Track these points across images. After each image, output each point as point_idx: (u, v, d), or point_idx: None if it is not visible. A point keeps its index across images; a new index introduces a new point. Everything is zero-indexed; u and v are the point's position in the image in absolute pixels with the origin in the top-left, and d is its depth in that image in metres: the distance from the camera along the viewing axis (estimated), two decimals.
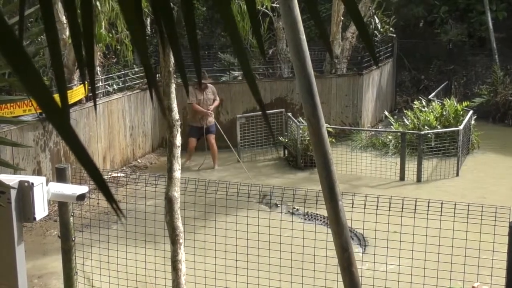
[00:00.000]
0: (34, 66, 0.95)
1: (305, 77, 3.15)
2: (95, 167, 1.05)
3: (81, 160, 1.02)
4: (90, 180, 3.82)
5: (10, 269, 4.33)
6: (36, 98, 0.97)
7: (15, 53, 0.96)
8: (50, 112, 0.98)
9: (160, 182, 5.59)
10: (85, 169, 1.04)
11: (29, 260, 4.90)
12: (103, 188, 1.07)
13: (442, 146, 12.63)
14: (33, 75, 0.95)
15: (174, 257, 4.96)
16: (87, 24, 1.15)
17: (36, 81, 0.95)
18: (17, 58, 0.96)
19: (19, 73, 0.95)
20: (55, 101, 0.98)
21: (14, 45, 0.95)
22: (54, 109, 0.98)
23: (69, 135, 0.99)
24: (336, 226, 3.25)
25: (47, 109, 0.98)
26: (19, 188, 4.27)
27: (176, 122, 5.01)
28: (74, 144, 1.00)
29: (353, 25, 15.89)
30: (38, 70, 0.96)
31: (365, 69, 15.71)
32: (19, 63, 0.95)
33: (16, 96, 6.09)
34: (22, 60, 0.95)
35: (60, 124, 0.99)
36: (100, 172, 1.07)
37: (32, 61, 0.95)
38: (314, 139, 3.23)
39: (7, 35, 0.94)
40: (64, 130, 0.99)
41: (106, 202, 3.91)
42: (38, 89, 0.96)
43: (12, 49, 0.95)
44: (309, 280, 5.83)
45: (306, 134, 12.35)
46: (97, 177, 1.06)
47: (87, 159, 1.02)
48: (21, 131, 9.62)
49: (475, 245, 5.42)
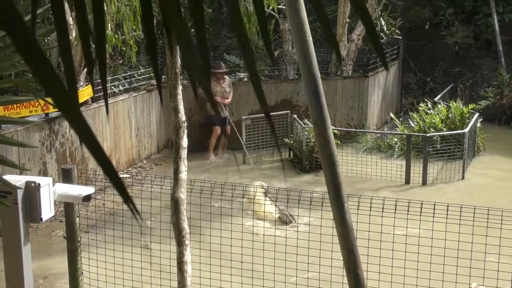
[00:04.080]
0: (48, 60, 0.95)
1: (311, 79, 3.15)
2: (112, 166, 1.05)
3: (97, 158, 1.02)
4: (96, 181, 3.83)
5: (16, 269, 4.35)
6: (50, 94, 0.98)
7: (29, 47, 0.96)
8: (67, 110, 0.99)
9: (165, 183, 5.60)
10: (101, 167, 1.04)
11: (35, 261, 4.91)
12: (119, 187, 1.08)
13: (448, 149, 12.60)
14: (46, 69, 0.95)
15: (180, 258, 4.96)
16: (99, 26, 1.15)
17: (49, 75, 0.96)
18: (31, 52, 0.96)
19: (33, 68, 0.95)
20: (73, 99, 0.99)
21: (28, 38, 0.95)
22: (72, 109, 0.98)
23: (83, 129, 1.00)
24: (341, 228, 3.24)
25: (64, 108, 0.98)
26: (25, 188, 4.28)
27: (182, 124, 5.02)
28: (88, 138, 1.00)
29: (359, 27, 15.89)
30: (51, 64, 0.97)
31: (371, 71, 15.71)
32: (33, 57, 0.96)
33: (23, 97, 6.11)
34: (36, 53, 0.95)
35: (74, 120, 0.99)
36: (116, 170, 1.07)
37: (46, 54, 0.96)
38: (320, 141, 3.23)
39: (21, 28, 0.94)
40: (77, 124, 0.99)
41: (112, 202, 3.88)
42: (51, 83, 0.96)
43: (26, 43, 0.96)
44: (315, 282, 5.82)
45: (311, 136, 12.34)
46: (112, 175, 1.06)
47: (103, 157, 1.02)
48: (27, 132, 9.64)
49: (481, 248, 5.40)
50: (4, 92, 9.84)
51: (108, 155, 6.28)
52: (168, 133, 14.01)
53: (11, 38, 0.94)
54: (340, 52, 3.26)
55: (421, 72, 20.29)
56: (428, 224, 5.33)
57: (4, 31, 0.94)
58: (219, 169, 13.03)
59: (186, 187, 5.07)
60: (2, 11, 0.92)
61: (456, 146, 12.55)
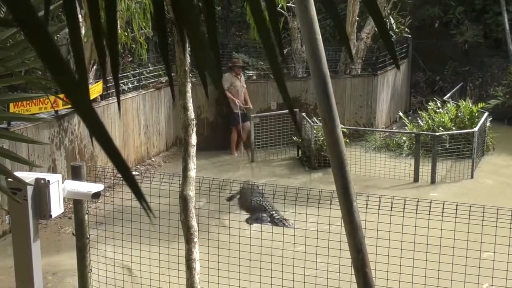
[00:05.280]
0: (62, 56, 0.96)
1: (320, 77, 3.15)
2: (124, 162, 1.05)
3: (109, 154, 1.02)
4: (105, 178, 3.84)
5: (25, 265, 4.37)
6: (64, 90, 0.98)
7: (45, 44, 0.96)
8: (80, 106, 0.99)
9: (174, 181, 5.61)
10: (113, 163, 1.04)
11: (44, 257, 4.93)
12: (131, 182, 1.08)
13: (457, 148, 12.55)
14: (61, 65, 0.96)
15: (188, 256, 4.97)
16: (111, 22, 1.16)
17: (64, 72, 0.96)
18: (46, 49, 0.96)
19: (48, 64, 0.96)
20: (85, 94, 0.99)
21: (43, 35, 0.96)
22: (85, 105, 0.99)
23: (95, 125, 1.00)
24: (350, 227, 3.24)
25: (78, 104, 0.99)
26: (35, 185, 4.30)
27: (191, 121, 5.02)
28: (100, 134, 1.01)
29: (368, 25, 15.85)
30: (63, 57, 0.97)
31: (380, 70, 15.67)
32: (48, 54, 0.96)
33: (32, 94, 6.13)
34: (51, 50, 0.96)
35: (87, 115, 1.00)
36: (128, 165, 1.07)
37: (60, 51, 0.96)
38: (329, 139, 3.23)
39: (36, 25, 0.95)
40: (90, 120, 1.00)
41: (121, 199, 3.89)
42: (66, 79, 0.97)
43: (41, 40, 0.96)
44: (323, 280, 5.82)
45: (320, 134, 12.33)
46: (125, 171, 1.06)
47: (115, 153, 1.02)
48: (37, 129, 9.68)
49: (490, 248, 5.39)
50: (14, 89, 9.88)
51: None
52: (177, 131, 14.03)
53: (26, 35, 0.95)
54: (351, 50, 3.26)
55: (431, 70, 20.21)
56: (436, 223, 5.31)
57: (20, 28, 0.95)
58: (226, 167, 13.03)
59: (194, 184, 5.08)
60: (18, 8, 0.92)
61: (465, 145, 12.49)
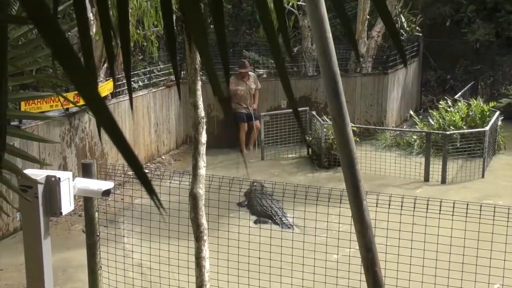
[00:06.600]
0: (76, 54, 0.96)
1: (330, 75, 3.14)
2: (136, 158, 1.05)
3: (121, 150, 1.03)
4: (115, 175, 3.84)
5: (36, 262, 4.40)
6: (78, 87, 0.98)
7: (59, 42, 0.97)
8: (93, 103, 1.00)
9: (184, 179, 5.62)
10: (125, 159, 1.04)
11: (54, 254, 4.95)
12: (143, 179, 1.08)
13: (468, 147, 12.49)
14: (74, 62, 0.96)
15: (198, 253, 4.98)
16: (123, 20, 1.16)
17: (78, 69, 0.97)
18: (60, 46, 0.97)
19: (59, 57, 0.96)
20: (97, 91, 1.00)
21: (57, 33, 0.96)
22: (98, 102, 0.99)
23: (106, 118, 1.00)
24: (360, 226, 3.23)
25: (91, 101, 0.99)
26: (46, 183, 4.32)
27: (201, 120, 5.03)
28: (112, 130, 1.01)
29: (378, 24, 15.80)
30: (79, 57, 0.98)
31: (391, 68, 15.62)
32: (62, 51, 0.97)
33: (43, 92, 6.17)
34: (65, 48, 0.96)
35: (100, 112, 1.00)
36: (140, 162, 1.08)
37: (73, 48, 0.97)
38: (339, 138, 3.22)
39: (48, 18, 0.95)
40: (103, 116, 1.00)
41: (131, 197, 3.90)
42: (80, 76, 0.97)
43: (55, 37, 0.96)
44: (332, 279, 5.81)
45: (330, 133, 12.31)
46: (137, 167, 1.06)
47: (128, 149, 1.03)
48: (47, 127, 9.73)
49: (501, 247, 5.36)
50: (25, 88, 9.93)
51: None
52: (187, 129, 14.06)
53: (40, 31, 0.95)
54: (358, 48, 3.26)
55: (441, 69, 20.11)
56: (447, 222, 5.29)
57: (34, 24, 0.95)
58: (236, 165, 13.04)
59: (204, 182, 5.08)
60: (32, 4, 0.93)
61: (476, 144, 12.43)
